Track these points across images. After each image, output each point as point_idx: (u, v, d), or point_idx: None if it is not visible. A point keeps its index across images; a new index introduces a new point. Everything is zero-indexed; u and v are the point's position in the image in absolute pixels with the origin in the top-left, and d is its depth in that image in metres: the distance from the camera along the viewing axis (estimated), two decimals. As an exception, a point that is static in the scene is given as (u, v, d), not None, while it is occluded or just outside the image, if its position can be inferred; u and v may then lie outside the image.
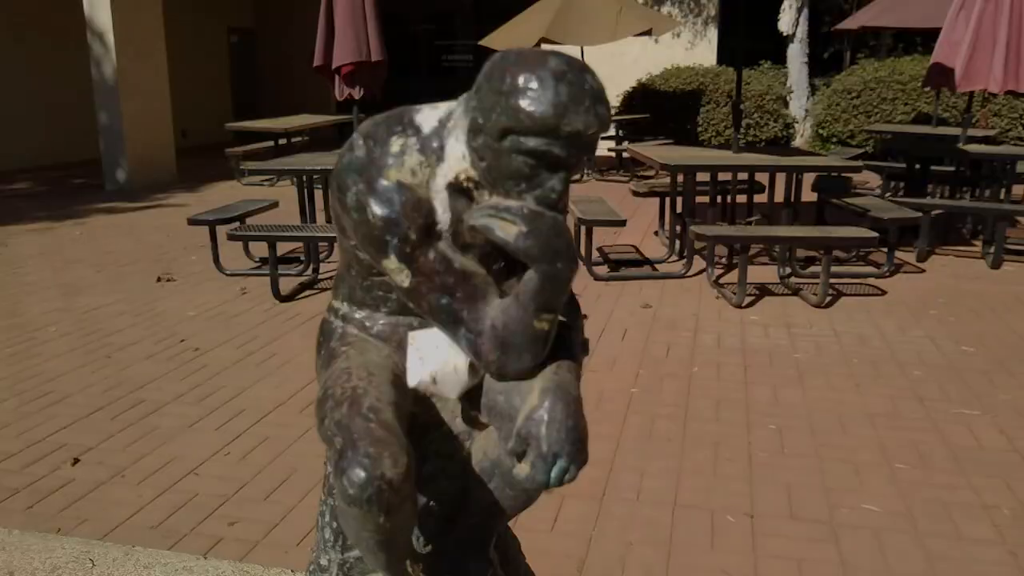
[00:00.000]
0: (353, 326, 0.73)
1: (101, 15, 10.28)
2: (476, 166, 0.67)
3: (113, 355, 4.38)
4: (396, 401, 0.66)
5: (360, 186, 0.68)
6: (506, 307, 0.67)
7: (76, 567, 0.96)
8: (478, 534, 0.77)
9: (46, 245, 7.33)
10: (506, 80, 0.67)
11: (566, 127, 0.66)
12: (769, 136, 12.88)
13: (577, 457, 0.73)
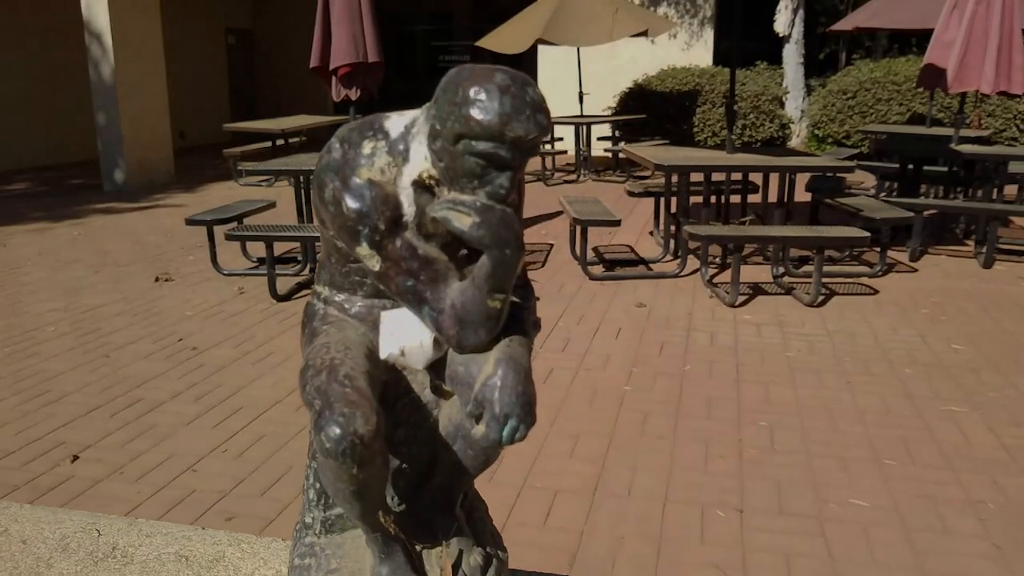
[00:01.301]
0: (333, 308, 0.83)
1: (99, 16, 10.31)
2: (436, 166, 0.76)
3: (111, 354, 4.42)
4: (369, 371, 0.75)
5: (336, 183, 0.77)
6: (464, 288, 0.75)
7: (83, 536, 1.03)
8: (446, 494, 0.86)
9: (44, 245, 7.36)
10: (459, 93, 0.75)
11: (509, 133, 0.77)
12: (765, 136, 12.93)
13: (526, 418, 0.82)
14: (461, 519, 0.87)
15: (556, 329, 4.80)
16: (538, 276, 6.05)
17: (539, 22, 10.69)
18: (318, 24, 6.14)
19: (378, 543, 0.81)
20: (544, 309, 5.21)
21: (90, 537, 1.02)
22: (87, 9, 10.34)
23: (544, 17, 10.71)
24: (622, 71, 13.92)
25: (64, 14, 13.24)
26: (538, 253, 6.82)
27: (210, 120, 16.31)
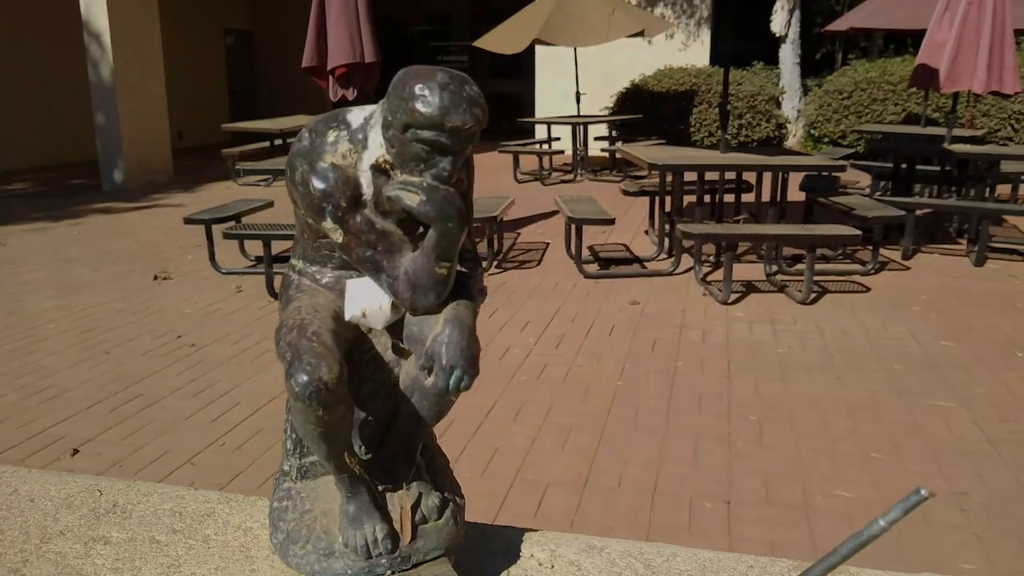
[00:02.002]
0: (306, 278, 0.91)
1: (98, 17, 10.36)
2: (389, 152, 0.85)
3: (111, 351, 4.47)
4: (335, 330, 0.84)
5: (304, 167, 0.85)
6: (415, 258, 0.84)
7: (86, 495, 1.13)
8: (407, 442, 0.95)
9: (44, 245, 7.41)
10: (406, 89, 0.83)
11: (448, 123, 0.84)
12: (761, 136, 12.99)
13: (469, 369, 0.93)
14: (421, 466, 0.97)
15: (550, 326, 4.86)
16: (533, 274, 6.10)
17: (536, 22, 10.75)
18: (311, 24, 6.19)
19: (345, 484, 0.91)
20: (538, 307, 5.27)
21: (92, 496, 1.12)
22: (86, 9, 10.39)
23: (541, 17, 10.77)
24: (619, 71, 13.98)
25: (63, 14, 13.28)
26: (534, 252, 6.87)
27: (209, 120, 16.36)
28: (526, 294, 5.57)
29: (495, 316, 5.07)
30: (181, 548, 0.97)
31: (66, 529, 1.02)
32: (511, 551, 1.00)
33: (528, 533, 1.04)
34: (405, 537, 0.91)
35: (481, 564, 0.98)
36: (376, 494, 0.94)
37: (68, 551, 0.96)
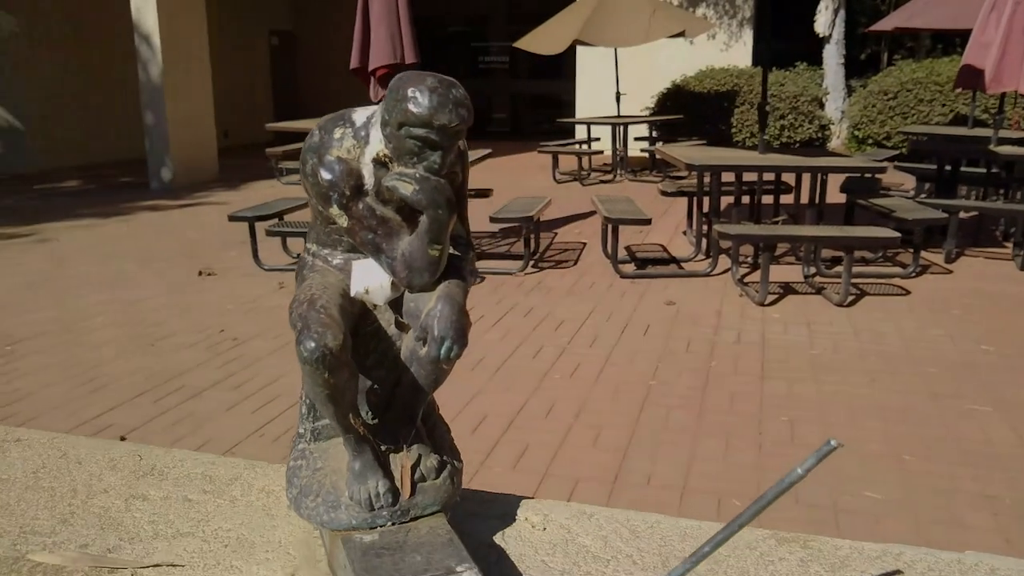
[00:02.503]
0: (319, 260, 1.00)
1: (148, 19, 10.62)
2: (387, 147, 0.92)
3: (156, 344, 4.61)
4: (341, 304, 0.92)
5: (314, 160, 0.93)
6: (411, 241, 0.92)
7: (128, 459, 1.34)
8: (408, 409, 1.03)
9: (94, 241, 7.63)
10: (400, 92, 0.90)
11: (436, 121, 0.91)
12: (804, 138, 12.87)
13: (458, 340, 1.03)
14: (421, 430, 1.05)
15: (584, 326, 4.89)
16: (569, 274, 6.14)
17: (576, 23, 10.78)
18: (357, 26, 6.29)
19: (351, 443, 0.99)
20: (573, 307, 5.31)
21: (133, 460, 1.24)
22: (137, 11, 10.65)
23: (581, 18, 10.80)
24: (660, 72, 13.94)
25: (116, 17, 13.62)
26: (570, 252, 6.91)
27: (253, 120, 16.64)
28: (561, 293, 5.61)
29: (530, 315, 5.12)
30: (210, 506, 1.09)
31: (109, 487, 1.13)
32: (508, 515, 1.09)
33: (525, 500, 1.13)
34: (405, 493, 1.00)
35: (479, 525, 1.09)
36: (379, 454, 1.03)
37: (110, 506, 1.08)
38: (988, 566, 1.04)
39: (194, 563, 0.96)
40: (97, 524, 1.04)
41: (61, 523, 1.04)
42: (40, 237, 7.85)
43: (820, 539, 1.15)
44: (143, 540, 1.01)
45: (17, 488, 1.11)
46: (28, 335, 4.80)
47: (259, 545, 1.01)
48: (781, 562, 1.02)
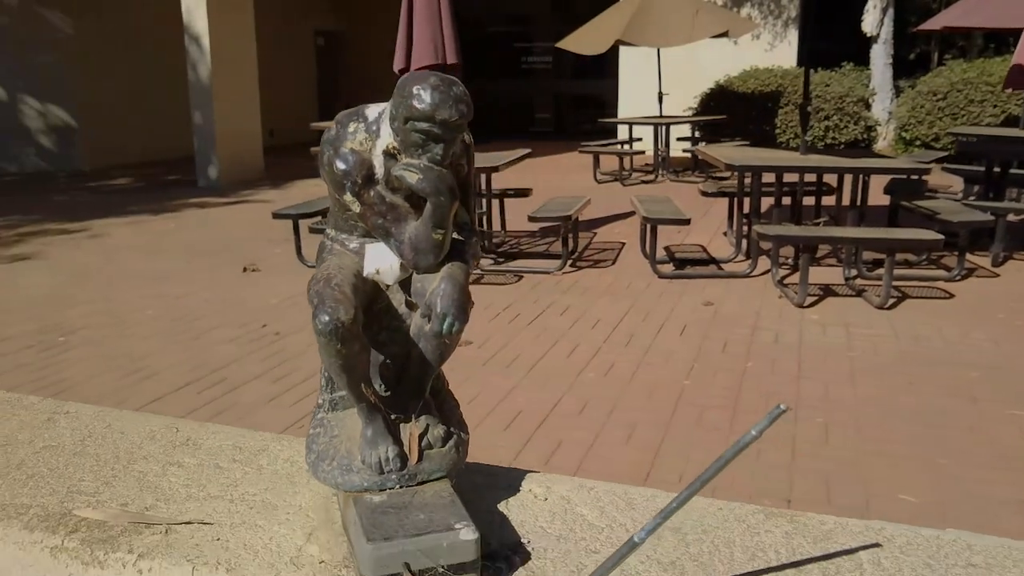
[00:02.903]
0: (337, 244, 1.08)
1: (198, 20, 10.85)
2: (396, 140, 0.99)
3: (200, 337, 4.72)
4: (354, 283, 1.00)
5: (330, 152, 1.00)
6: (416, 225, 1.00)
7: (166, 431, 1.44)
8: (417, 382, 1.12)
9: (143, 236, 7.82)
10: (406, 89, 0.98)
11: (438, 116, 0.99)
12: (849, 139, 12.70)
13: (459, 316, 1.12)
14: (430, 402, 1.14)
15: (620, 325, 4.91)
16: (607, 274, 6.15)
17: (619, 23, 10.77)
18: (401, 27, 6.37)
19: (364, 412, 1.07)
20: (610, 306, 5.32)
21: (171, 432, 1.35)
22: (187, 13, 10.89)
23: (624, 18, 10.79)
24: (704, 72, 13.86)
25: (165, 18, 13.92)
26: (609, 251, 6.92)
27: (298, 119, 16.88)
28: (598, 293, 5.63)
29: (566, 314, 5.15)
30: (239, 473, 1.21)
31: (148, 455, 1.26)
32: (513, 486, 1.17)
33: (531, 473, 1.20)
34: (412, 459, 1.09)
35: (486, 494, 1.17)
36: (390, 422, 1.13)
37: (148, 471, 1.21)
38: (965, 542, 1.09)
39: (222, 522, 1.07)
40: (136, 486, 1.17)
41: (104, 485, 1.18)
42: (91, 232, 8.07)
43: (807, 515, 1.19)
44: (177, 501, 1.13)
45: (66, 454, 1.25)
46: (78, 327, 4.95)
47: (281, 508, 1.13)
48: (767, 534, 1.09)
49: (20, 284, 6.07)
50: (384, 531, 0.96)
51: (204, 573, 0.97)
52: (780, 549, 1.03)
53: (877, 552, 1.02)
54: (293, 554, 1.01)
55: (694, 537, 1.04)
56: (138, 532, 1.04)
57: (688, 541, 1.04)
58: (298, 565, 0.97)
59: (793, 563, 1.00)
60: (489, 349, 4.50)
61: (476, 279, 6.04)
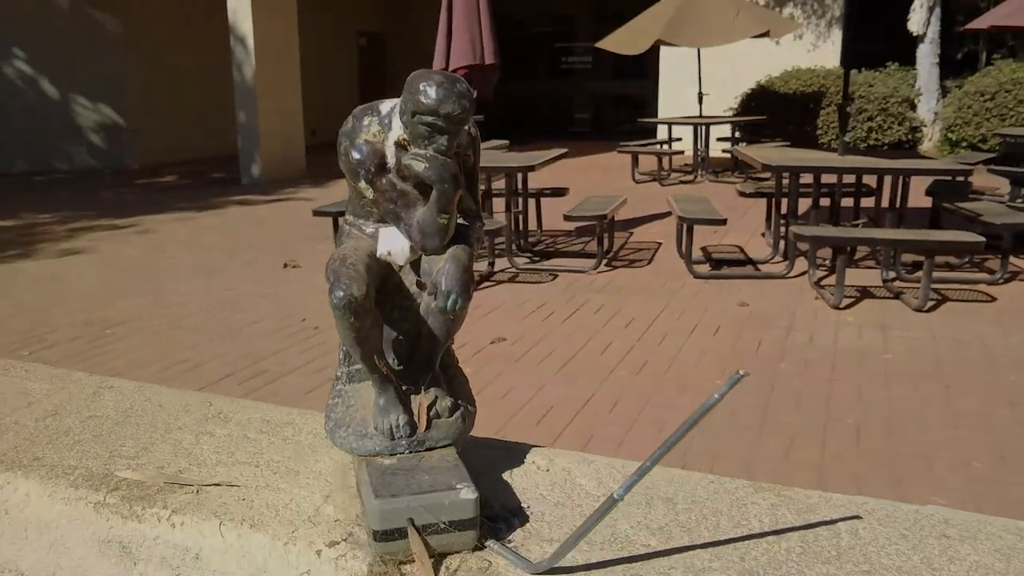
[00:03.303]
0: (355, 229, 1.17)
1: (243, 22, 11.05)
2: (406, 132, 1.06)
3: (242, 330, 4.84)
4: (368, 264, 1.09)
5: (347, 143, 1.09)
6: (424, 211, 1.07)
7: (200, 405, 1.54)
8: (427, 357, 1.24)
9: (188, 232, 8.01)
10: (414, 85, 1.08)
11: (442, 110, 1.09)
12: (893, 140, 12.54)
13: (462, 293, 1.22)
14: (439, 375, 1.24)
15: (654, 324, 4.93)
16: (642, 273, 6.17)
17: (659, 23, 10.76)
18: (441, 28, 6.45)
19: (377, 382, 1.18)
20: (644, 305, 5.34)
21: (204, 406, 1.50)
22: (233, 14, 11.10)
23: (664, 18, 10.77)
24: (745, 72, 13.76)
25: (211, 19, 14.19)
26: (645, 251, 6.93)
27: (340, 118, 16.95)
28: (633, 292, 5.65)
29: (600, 312, 5.18)
30: (265, 443, 1.32)
31: (183, 426, 1.39)
32: (518, 459, 1.26)
33: (536, 448, 1.29)
34: (421, 427, 1.20)
35: (492, 466, 1.26)
36: (401, 393, 1.24)
37: (183, 439, 1.33)
38: (942, 516, 1.14)
39: (248, 484, 1.19)
40: (172, 452, 1.29)
41: (143, 450, 1.30)
42: (139, 228, 8.28)
43: (793, 489, 1.24)
44: (208, 465, 1.25)
45: (109, 423, 1.39)
46: (125, 319, 5.10)
47: (303, 473, 1.24)
48: (753, 505, 1.15)
49: (70, 278, 6.26)
50: (391, 489, 1.06)
51: (230, 528, 1.08)
52: (764, 519, 1.10)
53: (856, 523, 1.09)
54: (311, 513, 1.12)
55: (684, 507, 1.13)
56: (172, 491, 1.17)
57: (678, 510, 1.13)
58: (315, 523, 1.09)
59: (775, 531, 1.06)
60: (522, 346, 4.55)
61: (511, 277, 6.10)
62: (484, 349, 4.48)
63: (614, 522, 1.11)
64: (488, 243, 6.32)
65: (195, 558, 1.09)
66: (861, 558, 1.01)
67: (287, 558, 1.04)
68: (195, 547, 1.09)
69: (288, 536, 1.06)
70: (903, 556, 1.03)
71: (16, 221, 8.86)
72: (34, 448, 1.28)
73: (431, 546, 1.04)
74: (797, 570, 0.98)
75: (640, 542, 1.05)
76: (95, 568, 1.14)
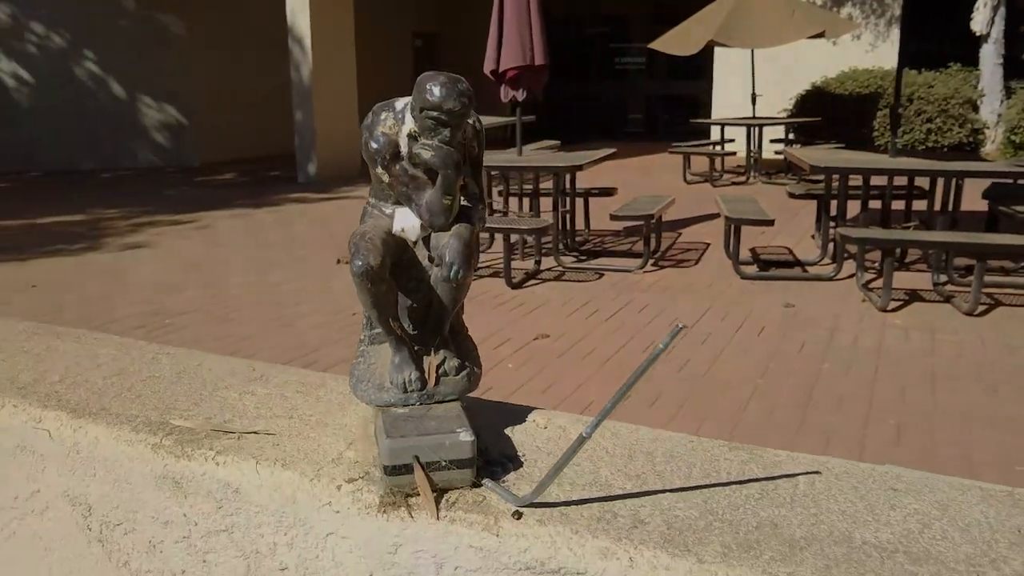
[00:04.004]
0: (376, 209, 1.36)
1: (301, 23, 11.32)
2: (415, 125, 1.17)
3: (294, 323, 5.00)
4: (384, 239, 1.25)
5: (366, 135, 1.24)
6: (431, 193, 1.19)
7: (244, 369, 1.74)
8: (437, 323, 1.48)
9: (244, 228, 8.25)
10: (421, 85, 1.26)
11: (445, 106, 1.25)
12: (953, 142, 12.29)
13: (463, 265, 1.40)
14: (447, 339, 1.47)
15: (699, 324, 4.95)
16: (689, 273, 6.19)
17: (712, 24, 10.72)
18: (492, 30, 6.54)
19: (393, 343, 1.44)
20: (689, 305, 5.36)
21: (248, 370, 1.74)
22: (291, 16, 11.37)
23: (717, 19, 10.73)
24: (801, 73, 13.62)
25: (272, 22, 14.54)
26: (693, 252, 6.93)
27: (395, 119, 17.35)
28: (678, 292, 5.67)
29: (644, 311, 5.22)
30: (299, 400, 1.52)
31: (229, 385, 1.60)
32: (519, 419, 1.44)
33: (537, 409, 1.45)
34: (430, 382, 1.38)
35: (495, 422, 1.44)
36: (414, 353, 1.42)
37: (228, 397, 1.54)
38: (895, 474, 1.24)
39: (282, 433, 1.38)
40: (219, 407, 1.49)
41: (194, 404, 1.50)
42: (198, 224, 8.56)
43: (766, 449, 1.32)
44: (249, 417, 1.44)
45: (165, 382, 1.60)
46: (183, 310, 5.31)
47: (331, 425, 1.42)
48: (725, 461, 1.28)
49: (133, 271, 6.51)
50: (401, 431, 1.23)
51: (264, 467, 1.27)
52: (732, 472, 1.23)
53: (814, 478, 1.22)
54: (335, 456, 1.29)
55: (662, 460, 1.27)
56: (217, 437, 1.36)
57: (656, 462, 1.26)
58: (337, 464, 1.27)
59: (740, 481, 1.20)
60: (565, 342, 4.62)
61: (557, 276, 6.17)
62: (528, 345, 4.57)
63: (597, 470, 1.25)
64: (535, 242, 6.40)
65: (235, 491, 1.28)
66: (811, 503, 1.14)
67: (312, 491, 1.21)
68: (235, 482, 1.28)
69: (314, 473, 1.24)
70: (850, 503, 1.15)
71: (84, 216, 9.22)
72: (102, 400, 1.50)
73: (433, 481, 1.20)
74: (752, 512, 1.12)
75: (617, 486, 1.20)
76: (152, 500, 1.35)
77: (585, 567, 1.04)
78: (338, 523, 1.21)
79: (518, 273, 6.20)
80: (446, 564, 1.14)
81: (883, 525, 1.09)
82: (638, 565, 1.01)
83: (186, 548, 1.35)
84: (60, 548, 1.49)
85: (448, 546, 1.14)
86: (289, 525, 1.25)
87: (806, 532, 1.07)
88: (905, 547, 1.04)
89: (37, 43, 13.78)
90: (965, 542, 1.05)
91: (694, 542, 1.04)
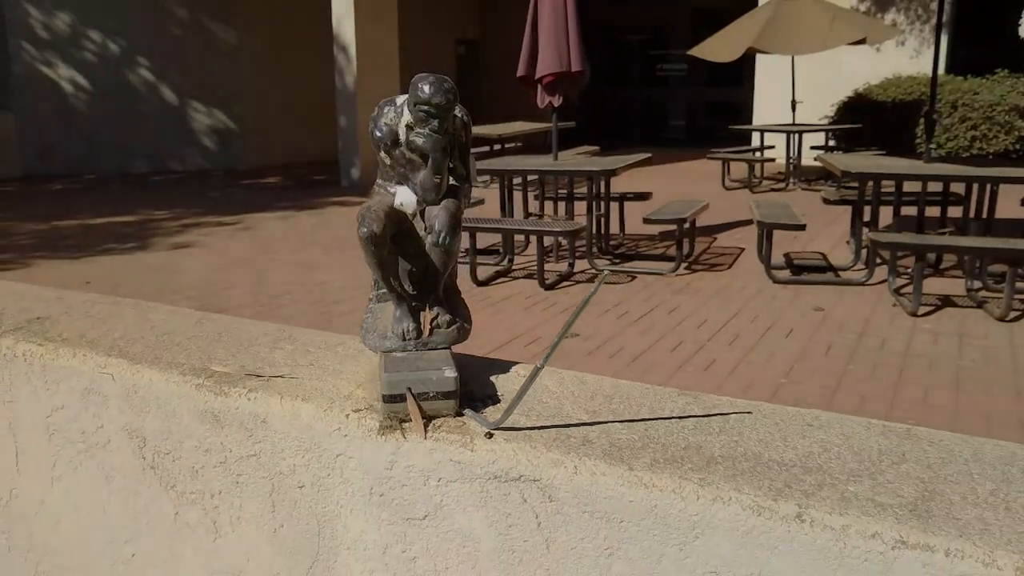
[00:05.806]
0: (382, 188, 1.59)
1: (346, 30, 11.59)
2: (411, 118, 1.33)
3: (334, 320, 5.19)
4: (387, 211, 1.46)
5: (372, 125, 1.49)
6: (424, 173, 1.37)
7: (276, 331, 1.97)
8: (431, 283, 1.69)
9: (288, 230, 8.50)
10: (414, 84, 1.39)
11: (433, 101, 1.47)
12: (998, 149, 12.14)
13: (450, 232, 1.62)
14: (440, 298, 1.69)
15: (727, 326, 5.03)
16: (721, 277, 6.26)
17: (752, 31, 10.75)
18: (526, 36, 6.68)
19: (394, 299, 1.66)
20: (720, 307, 5.44)
21: (279, 331, 1.97)
22: (337, 23, 11.64)
23: (757, 25, 10.76)
24: (842, 79, 13.55)
25: (317, 29, 14.87)
26: (726, 256, 7.00)
27: (437, 124, 17.59)
28: (709, 295, 5.75)
29: (674, 313, 5.31)
30: (321, 354, 1.76)
31: (261, 343, 1.85)
32: (504, 369, 1.70)
33: (521, 364, 1.73)
34: (425, 332, 1.62)
35: (483, 372, 1.68)
36: (412, 308, 1.65)
37: (260, 351, 1.78)
38: (815, 415, 1.42)
39: (303, 376, 1.62)
40: (252, 359, 1.73)
41: (231, 356, 1.75)
42: (244, 225, 8.83)
43: (710, 396, 1.50)
44: (276, 366, 1.68)
45: (207, 340, 1.86)
46: (228, 307, 5.53)
47: (345, 373, 1.65)
48: (671, 402, 1.48)
49: (182, 269, 6.77)
50: (397, 368, 1.47)
51: (287, 401, 1.53)
52: (676, 410, 1.44)
53: (744, 417, 1.41)
54: (346, 394, 1.53)
55: (618, 401, 1.48)
56: (250, 379, 1.61)
57: (613, 403, 1.47)
58: (348, 399, 1.50)
59: (680, 416, 1.41)
60: (594, 341, 4.73)
61: (590, 278, 6.28)
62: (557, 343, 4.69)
63: (560, 406, 1.48)
64: (568, 244, 6.52)
65: (263, 422, 1.53)
66: (735, 433, 1.34)
67: (326, 419, 1.46)
68: (263, 414, 1.53)
69: (328, 405, 1.49)
70: (767, 433, 1.35)
71: (135, 217, 9.56)
72: (155, 352, 1.78)
73: (423, 409, 1.43)
74: (683, 437, 1.33)
75: (575, 417, 1.42)
76: (196, 430, 1.64)
77: (540, 475, 1.28)
78: (346, 445, 1.45)
79: (551, 275, 6.33)
80: (431, 476, 1.38)
81: (790, 448, 1.29)
82: (580, 472, 1.24)
83: (223, 471, 1.61)
84: (119, 475, 1.76)
85: (433, 461, 1.37)
86: (306, 449, 1.50)
87: (724, 452, 1.27)
88: (803, 463, 1.24)
89: (94, 51, 14.28)
90: (854, 461, 1.25)
91: (629, 456, 1.26)
